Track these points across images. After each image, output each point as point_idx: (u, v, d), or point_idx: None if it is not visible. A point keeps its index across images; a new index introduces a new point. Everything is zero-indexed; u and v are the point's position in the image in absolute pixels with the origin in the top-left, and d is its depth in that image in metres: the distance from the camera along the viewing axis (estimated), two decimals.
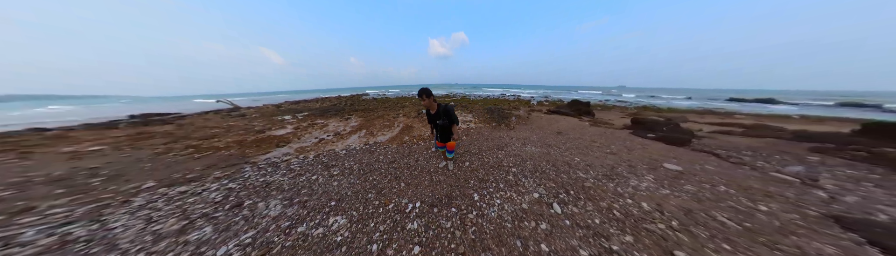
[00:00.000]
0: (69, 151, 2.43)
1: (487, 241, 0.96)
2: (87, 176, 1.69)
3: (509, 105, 7.18)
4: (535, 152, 2.15)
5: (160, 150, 2.38)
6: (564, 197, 1.31)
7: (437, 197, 1.28)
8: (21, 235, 0.99)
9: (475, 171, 1.69)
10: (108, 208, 1.21)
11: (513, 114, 4.42)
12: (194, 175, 1.66)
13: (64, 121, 5.33)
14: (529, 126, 3.53)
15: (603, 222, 1.06)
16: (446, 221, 1.08)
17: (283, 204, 1.20)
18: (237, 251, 0.85)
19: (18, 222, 1.09)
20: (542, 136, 2.81)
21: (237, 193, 1.34)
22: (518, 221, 1.10)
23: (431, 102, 1.27)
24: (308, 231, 0.99)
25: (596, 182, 1.48)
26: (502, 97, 12.37)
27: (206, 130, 3.47)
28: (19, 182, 1.60)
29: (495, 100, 9.21)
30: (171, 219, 1.08)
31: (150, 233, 0.97)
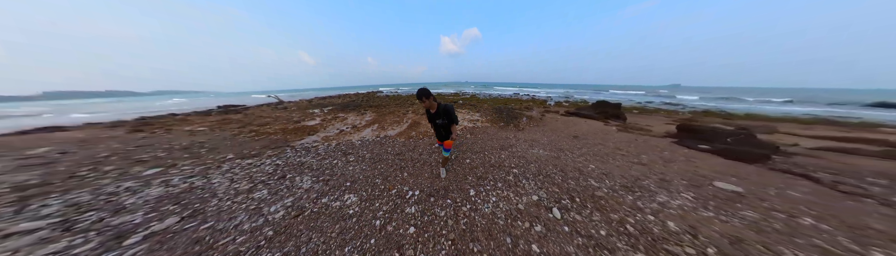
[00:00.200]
0: (188, 130, 3.46)
1: (477, 233, 1.01)
2: (199, 147, 2.44)
3: (521, 105, 6.88)
4: (542, 155, 2.04)
5: (235, 133, 3.16)
6: (567, 203, 1.25)
7: (435, 189, 1.39)
8: (171, 180, 1.58)
9: (474, 169, 1.71)
10: (211, 169, 1.77)
11: (524, 115, 4.21)
12: (255, 152, 2.22)
13: (182, 110, 7.70)
14: (541, 128, 3.35)
15: (609, 235, 0.99)
16: (440, 210, 1.18)
17: (312, 180, 1.54)
18: (282, 209, 1.18)
19: (169, 172, 1.73)
20: (553, 139, 2.66)
21: (282, 168, 1.78)
22: (511, 219, 1.11)
23: (431, 102, 1.28)
24: (329, 202, 1.25)
25: (610, 192, 1.36)
26: (515, 96, 11.85)
27: (261, 119, 4.34)
28: (167, 148, 2.43)
29: (506, 100, 8.89)
30: (244, 181, 1.55)
31: (233, 189, 1.44)
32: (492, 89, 25.20)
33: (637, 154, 2.11)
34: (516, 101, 8.39)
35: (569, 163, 1.81)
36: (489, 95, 12.42)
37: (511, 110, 4.52)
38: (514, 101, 8.32)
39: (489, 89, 24.87)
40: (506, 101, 8.11)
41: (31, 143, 2.71)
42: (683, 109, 7.79)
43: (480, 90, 21.59)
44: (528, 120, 3.84)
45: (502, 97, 10.98)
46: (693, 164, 1.84)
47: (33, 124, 4.82)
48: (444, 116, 1.36)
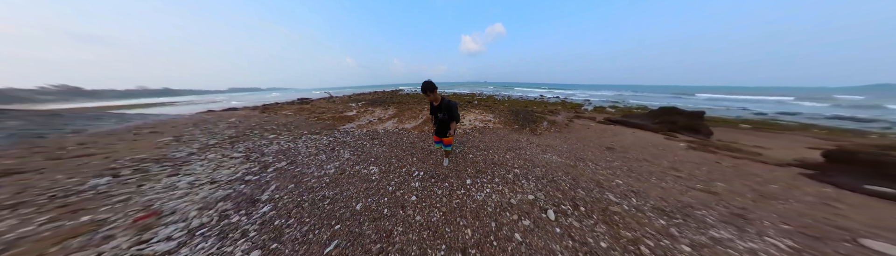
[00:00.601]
0: (284, 113, 5.08)
1: (465, 213, 1.15)
2: (290, 125, 3.68)
3: (545, 108, 6.62)
4: (554, 161, 1.92)
5: (306, 117, 4.51)
6: (568, 209, 1.19)
7: (437, 173, 1.68)
8: (281, 142, 2.67)
9: (475, 163, 1.82)
10: (297, 139, 2.81)
11: (545, 119, 4.08)
12: (317, 131, 3.26)
13: (279, 100, 11.84)
14: (564, 135, 3.19)
15: (612, 248, 0.92)
16: (438, 189, 1.42)
17: (350, 153, 2.32)
18: (333, 168, 1.94)
19: (280, 138, 2.86)
20: (576, 148, 2.46)
21: (332, 143, 2.66)
22: (500, 209, 1.17)
23: (436, 96, 1.32)
24: (360, 169, 1.83)
25: (632, 210, 1.19)
26: (541, 99, 11.39)
27: (320, 109, 5.86)
28: (276, 123, 3.77)
29: (528, 102, 8.61)
30: (313, 148, 2.46)
31: (308, 152, 2.35)
32: (512, 90, 24.17)
33: (707, 179, 1.66)
34: (540, 104, 7.98)
35: (585, 174, 1.65)
36: (508, 96, 12.01)
37: (530, 113, 4.34)
38: (537, 104, 7.93)
39: (509, 90, 23.92)
40: (527, 103, 7.84)
41: (227, 116, 4.84)
42: (877, 128, 4.76)
43: (499, 91, 21.04)
44: (549, 125, 3.66)
45: (524, 99, 10.58)
46: (830, 209, 1.31)
47: (224, 106, 9.61)
48: (445, 111, 1.39)
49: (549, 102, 8.77)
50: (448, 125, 1.45)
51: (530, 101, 8.81)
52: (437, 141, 1.65)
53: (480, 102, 7.31)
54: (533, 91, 21.63)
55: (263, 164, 1.96)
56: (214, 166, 1.91)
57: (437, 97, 1.34)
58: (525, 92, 19.32)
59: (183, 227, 1.09)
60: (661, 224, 1.09)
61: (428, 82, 1.24)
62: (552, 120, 4.01)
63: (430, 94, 1.29)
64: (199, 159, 2.07)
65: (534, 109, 5.08)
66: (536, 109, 5.39)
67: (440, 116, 1.44)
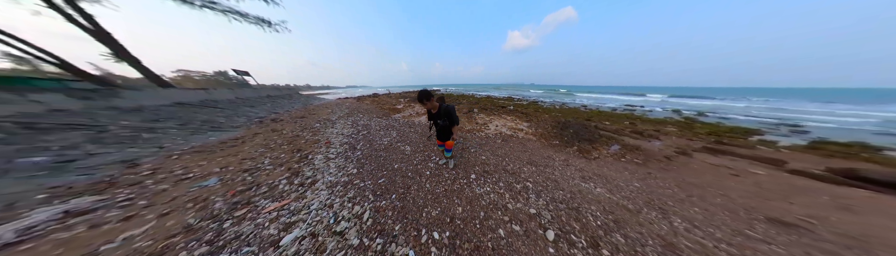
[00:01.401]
0: (366, 103, 7.86)
1: (462, 197, 1.35)
2: (370, 110, 5.53)
3: (622, 124, 4.81)
4: (597, 194, 1.54)
5: (375, 106, 6.50)
6: (580, 243, 1.04)
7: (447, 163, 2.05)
8: (363, 121, 4.28)
9: (485, 164, 1.90)
10: (371, 119, 4.37)
11: (616, 140, 2.98)
12: (381, 116, 4.82)
13: (364, 94, 17.16)
14: (644, 169, 2.19)
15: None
16: (446, 173, 1.73)
17: (396, 133, 3.49)
18: (387, 141, 3.10)
19: (362, 118, 4.54)
20: (651, 190, 1.69)
21: (386, 125, 3.95)
22: (494, 207, 1.25)
23: (433, 103, 1.29)
24: (400, 146, 2.66)
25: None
26: (628, 111, 8.37)
27: (383, 101, 8.05)
28: (361, 108, 5.80)
29: (593, 112, 6.79)
30: (377, 126, 3.84)
31: (376, 128, 3.72)
32: (571, 95, 20.43)
33: None
34: (614, 116, 5.77)
35: (652, 229, 1.19)
36: (560, 103, 10.19)
37: (588, 127, 3.28)
38: (609, 116, 5.73)
39: (566, 95, 20.16)
40: (590, 114, 5.98)
41: (343, 102, 8.21)
42: None
43: (550, 96, 18.09)
44: (620, 150, 2.61)
45: (592, 107, 8.74)
46: None
47: (342, 96, 15.80)
48: (445, 117, 1.35)
49: (636, 115, 6.22)
50: (450, 130, 1.43)
51: (596, 112, 6.64)
52: (441, 144, 1.66)
53: (518, 108, 6.43)
54: (616, 98, 16.17)
55: (358, 129, 3.48)
56: (341, 126, 3.67)
57: (434, 105, 1.31)
58: (597, 99, 14.08)
59: (334, 152, 2.43)
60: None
61: (423, 91, 1.21)
62: (633, 145, 2.78)
63: (426, 103, 1.25)
64: (339, 121, 4.07)
65: (599, 125, 3.84)
66: (607, 124, 4.07)
67: (441, 123, 1.40)
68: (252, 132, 3.51)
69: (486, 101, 8.51)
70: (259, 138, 3.10)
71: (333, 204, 1.34)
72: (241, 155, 2.39)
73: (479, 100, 9.13)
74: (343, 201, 1.38)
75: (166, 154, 2.40)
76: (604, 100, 14.06)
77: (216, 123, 3.97)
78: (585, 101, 12.70)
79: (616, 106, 10.39)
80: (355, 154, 2.37)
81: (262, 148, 2.62)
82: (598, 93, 23.38)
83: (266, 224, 1.16)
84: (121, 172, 1.90)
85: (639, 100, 15.12)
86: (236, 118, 4.54)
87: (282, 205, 1.35)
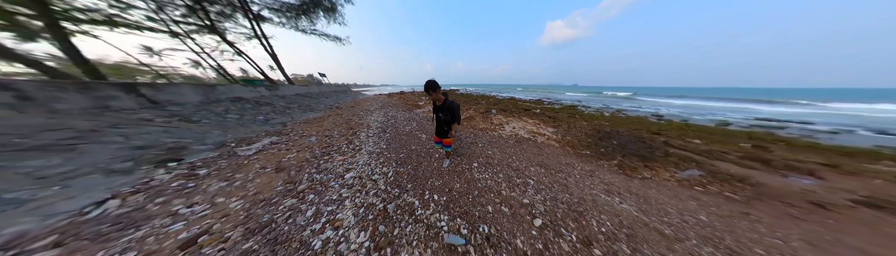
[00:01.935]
0: (395, 99, 9.66)
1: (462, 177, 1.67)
2: (398, 105, 6.88)
3: (738, 143, 3.30)
4: (612, 205, 1.41)
5: (403, 102, 7.79)
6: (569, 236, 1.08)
7: (459, 149, 2.59)
8: (393, 113, 5.48)
9: (490, 158, 2.12)
10: (398, 112, 5.51)
11: (697, 162, 2.22)
12: (406, 110, 5.92)
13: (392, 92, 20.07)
14: (738, 206, 1.63)
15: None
16: (451, 159, 2.20)
17: (416, 124, 4.37)
18: (409, 129, 3.98)
19: (392, 110, 5.80)
20: (727, 229, 1.31)
21: (410, 118, 4.91)
22: (488, 191, 1.43)
23: (438, 96, 1.30)
24: (418, 134, 3.46)
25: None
26: (760, 127, 5.52)
27: (407, 98, 9.50)
28: (390, 103, 7.30)
29: (674, 125, 4.72)
30: (402, 117, 4.86)
31: (401, 119, 4.72)
32: (634, 100, 15.63)
33: None
34: (721, 134, 3.87)
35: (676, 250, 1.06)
36: (613, 109, 8.13)
37: (645, 141, 2.50)
38: (706, 132, 3.89)
39: (627, 100, 15.85)
40: (663, 127, 4.27)
41: (378, 97, 10.70)
42: None
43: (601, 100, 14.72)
44: (703, 177, 1.92)
45: (674, 117, 6.61)
46: None
47: (377, 93, 17.87)
48: (447, 111, 1.38)
49: (799, 141, 3.57)
50: (449, 126, 1.47)
51: (684, 126, 4.53)
52: (438, 141, 1.67)
53: (546, 112, 5.71)
54: (723, 106, 10.95)
55: (387, 118, 4.54)
56: (376, 116, 4.85)
57: (439, 97, 1.33)
58: (690, 108, 9.86)
59: (372, 132, 3.48)
60: None
61: (430, 81, 1.24)
62: (735, 174, 2.00)
63: (432, 94, 1.27)
64: (375, 112, 5.29)
65: (673, 141, 2.77)
66: (694, 144, 2.76)
67: (442, 116, 1.44)
68: (327, 114, 5.25)
69: (509, 103, 7.98)
70: (331, 118, 4.65)
71: (371, 163, 2.07)
72: (324, 126, 3.80)
73: (499, 100, 8.74)
74: (377, 163, 2.09)
75: (295, 121, 4.26)
76: (709, 110, 9.69)
77: (311, 107, 6.22)
78: (665, 110, 9.13)
79: (737, 118, 7.19)
80: (385, 135, 3.33)
81: (333, 124, 4.01)
82: (693, 99, 17.05)
83: (337, 166, 2.10)
84: (282, 128, 3.61)
85: (790, 112, 9.64)
86: (320, 105, 6.91)
87: (344, 158, 2.32)
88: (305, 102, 6.83)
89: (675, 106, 11.84)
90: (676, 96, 21.32)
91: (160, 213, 1.28)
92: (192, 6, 7.00)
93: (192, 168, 1.91)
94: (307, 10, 8.49)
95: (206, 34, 8.29)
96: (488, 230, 1.14)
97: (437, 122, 1.59)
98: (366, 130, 3.60)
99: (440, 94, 1.34)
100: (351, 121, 4.43)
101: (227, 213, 1.28)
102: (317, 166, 2.04)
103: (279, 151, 2.46)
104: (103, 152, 1.82)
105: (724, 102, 14.70)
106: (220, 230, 1.13)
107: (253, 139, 2.87)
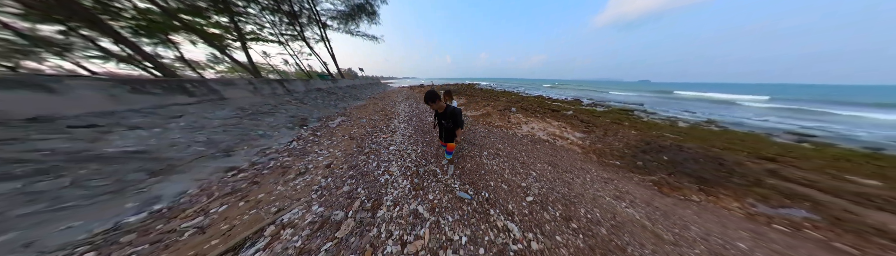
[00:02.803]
0: (416, 91, 11.00)
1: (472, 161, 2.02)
2: (415, 97, 8.10)
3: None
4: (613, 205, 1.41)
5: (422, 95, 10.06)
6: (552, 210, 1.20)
7: (467, 139, 3.13)
8: (417, 104, 6.69)
9: (499, 150, 2.41)
10: (418, 103, 6.63)
11: (811, 202, 1.61)
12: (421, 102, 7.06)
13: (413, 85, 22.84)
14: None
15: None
16: (466, 147, 2.83)
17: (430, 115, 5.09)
18: (430, 120, 5.01)
19: (415, 102, 6.95)
20: None
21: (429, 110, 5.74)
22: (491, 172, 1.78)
23: (440, 104, 1.36)
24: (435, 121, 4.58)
25: None
26: None
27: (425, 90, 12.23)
28: (413, 95, 8.54)
29: (852, 155, 2.89)
30: (424, 109, 5.95)
31: (424, 109, 5.82)
32: (764, 109, 10.26)
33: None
34: None
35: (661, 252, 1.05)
36: (700, 118, 5.86)
37: (724, 164, 1.79)
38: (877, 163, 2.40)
39: (725, 109, 10.12)
40: (785, 151, 2.76)
41: (402, 90, 12.16)
42: None
43: (685, 104, 10.79)
44: (812, 220, 1.44)
45: (801, 137, 3.87)
46: None
47: (402, 85, 19.76)
48: (450, 118, 1.44)
49: None
50: (454, 132, 1.53)
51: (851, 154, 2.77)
52: (444, 145, 1.81)
53: (581, 114, 5.03)
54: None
55: (412, 109, 5.71)
56: (403, 106, 6.09)
57: (441, 105, 1.40)
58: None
59: (401, 120, 4.66)
60: None
61: (431, 92, 1.30)
62: (861, 222, 1.43)
63: (433, 104, 1.33)
64: (402, 103, 6.53)
65: (776, 169, 1.91)
66: (813, 179, 1.85)
67: (445, 123, 1.51)
68: (368, 103, 6.78)
69: (534, 101, 7.40)
70: (371, 106, 6.12)
71: (405, 142, 2.89)
72: (368, 112, 5.20)
73: (523, 98, 8.21)
74: (410, 142, 2.88)
75: (350, 107, 5.85)
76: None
77: (357, 97, 8.12)
78: (828, 127, 5.15)
79: None
80: (411, 123, 4.44)
81: (374, 111, 5.38)
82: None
83: (383, 140, 3.27)
84: (344, 111, 5.22)
85: None
86: (362, 95, 8.99)
87: (387, 136, 3.51)
88: (353, 93, 8.92)
89: (871, 123, 6.93)
90: (880, 106, 11.82)
91: (310, 151, 2.70)
92: (290, 21, 9.73)
93: (313, 130, 3.49)
94: (354, 16, 10.60)
95: (296, 41, 11.24)
96: (488, 195, 1.53)
97: (440, 128, 1.68)
98: (397, 118, 4.78)
99: (441, 103, 1.40)
100: (385, 109, 5.74)
101: (336, 156, 2.59)
102: (371, 139, 3.27)
103: (348, 126, 3.91)
104: (282, 117, 3.63)
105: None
106: (338, 163, 2.40)
107: (332, 117, 4.52)
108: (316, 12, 9.90)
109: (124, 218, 1.29)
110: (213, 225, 1.30)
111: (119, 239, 1.13)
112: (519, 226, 1.26)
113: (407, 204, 1.49)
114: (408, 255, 1.11)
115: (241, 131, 2.79)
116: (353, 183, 1.77)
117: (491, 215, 1.36)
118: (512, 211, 1.40)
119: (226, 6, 6.67)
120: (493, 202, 1.49)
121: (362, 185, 1.73)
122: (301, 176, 1.94)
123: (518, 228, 1.25)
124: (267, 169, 2.10)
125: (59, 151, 1.51)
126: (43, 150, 1.47)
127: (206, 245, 1.15)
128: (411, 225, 1.29)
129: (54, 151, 1.50)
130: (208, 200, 1.53)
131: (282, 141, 2.89)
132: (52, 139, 1.58)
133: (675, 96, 16.95)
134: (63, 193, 1.28)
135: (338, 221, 1.35)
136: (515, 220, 1.31)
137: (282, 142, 2.86)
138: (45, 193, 1.24)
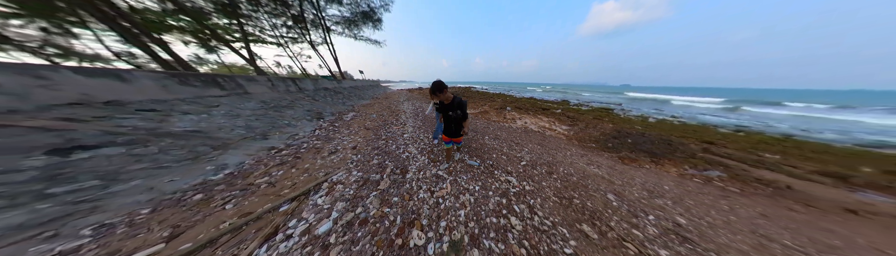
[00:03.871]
0: (415, 93, 11.92)
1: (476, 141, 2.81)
2: (416, 98, 8.71)
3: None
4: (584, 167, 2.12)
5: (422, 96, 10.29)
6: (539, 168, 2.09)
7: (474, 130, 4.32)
8: (420, 104, 7.14)
9: (497, 135, 3.44)
10: (423, 103, 7.13)
11: (724, 166, 2.14)
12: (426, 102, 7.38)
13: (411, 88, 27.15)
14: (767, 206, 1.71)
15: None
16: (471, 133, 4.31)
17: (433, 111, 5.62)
18: (432, 117, 5.29)
19: (415, 101, 7.51)
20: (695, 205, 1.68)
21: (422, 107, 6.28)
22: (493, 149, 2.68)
23: (446, 95, 1.32)
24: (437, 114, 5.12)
25: None
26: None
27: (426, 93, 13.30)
28: (416, 97, 9.10)
29: (770, 139, 3.73)
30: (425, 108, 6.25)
31: (424, 109, 6.16)
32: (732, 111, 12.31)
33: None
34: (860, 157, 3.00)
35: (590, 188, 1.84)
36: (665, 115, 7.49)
37: (668, 142, 2.36)
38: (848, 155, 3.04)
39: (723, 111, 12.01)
40: (722, 137, 3.59)
41: (402, 92, 14.86)
42: None
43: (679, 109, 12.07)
44: (724, 178, 1.99)
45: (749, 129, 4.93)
46: None
47: (399, 88, 23.64)
48: (458, 108, 1.38)
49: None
50: (461, 123, 1.48)
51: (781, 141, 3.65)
52: (448, 141, 1.71)
53: (569, 112, 6.52)
54: None
55: (415, 107, 6.23)
56: (407, 105, 6.54)
57: (448, 96, 1.35)
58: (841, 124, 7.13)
59: (408, 115, 5.16)
60: None
61: (438, 82, 1.26)
62: (752, 175, 2.04)
63: (439, 95, 1.30)
64: (405, 103, 7.00)
65: (708, 147, 2.58)
66: (732, 153, 2.50)
67: (452, 114, 1.42)
68: (374, 102, 7.21)
69: (526, 102, 8.63)
70: (377, 104, 6.53)
71: (416, 132, 3.63)
72: (375, 109, 5.64)
73: (517, 99, 9.29)
74: (421, 132, 3.49)
75: (357, 105, 6.20)
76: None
77: (362, 96, 8.61)
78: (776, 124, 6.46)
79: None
80: (417, 118, 4.91)
81: (381, 108, 5.85)
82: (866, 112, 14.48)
83: (396, 130, 3.73)
84: (353, 108, 5.63)
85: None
86: (365, 95, 9.56)
87: (399, 128, 3.95)
88: (357, 93, 9.48)
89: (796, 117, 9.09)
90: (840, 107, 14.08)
91: (334, 138, 3.08)
92: (295, 25, 10.23)
93: (330, 122, 3.89)
94: (358, 22, 11.18)
95: (297, 43, 11.70)
96: (492, 163, 2.17)
97: (445, 122, 1.56)
98: (403, 114, 5.30)
99: (448, 94, 1.35)
100: (390, 107, 6.24)
101: (358, 140, 2.98)
102: (385, 130, 3.72)
103: (361, 120, 4.33)
104: (300, 111, 3.97)
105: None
106: (362, 146, 2.81)
107: (344, 112, 4.92)
108: (321, 17, 10.36)
109: (208, 177, 1.63)
110: (280, 182, 1.67)
111: (214, 188, 1.49)
112: (516, 178, 1.83)
113: (428, 170, 1.97)
114: (437, 198, 1.53)
115: (270, 120, 3.13)
116: (380, 158, 2.21)
117: (495, 174, 1.91)
118: (510, 171, 2.03)
119: (233, 10, 7.23)
120: (496, 166, 2.09)
121: (388, 159, 2.19)
122: (334, 154, 2.34)
123: (515, 179, 1.83)
124: (303, 149, 2.47)
125: (140, 127, 1.87)
126: (127, 126, 1.81)
127: (280, 192, 1.51)
128: (435, 182, 1.73)
129: (136, 127, 1.85)
130: (266, 168, 1.89)
131: (306, 130, 3.28)
132: (130, 118, 1.91)
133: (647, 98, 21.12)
134: (157, 157, 1.66)
135: (376, 180, 1.76)
136: (513, 175, 1.92)
137: (306, 130, 3.24)
138: (145, 156, 1.62)
